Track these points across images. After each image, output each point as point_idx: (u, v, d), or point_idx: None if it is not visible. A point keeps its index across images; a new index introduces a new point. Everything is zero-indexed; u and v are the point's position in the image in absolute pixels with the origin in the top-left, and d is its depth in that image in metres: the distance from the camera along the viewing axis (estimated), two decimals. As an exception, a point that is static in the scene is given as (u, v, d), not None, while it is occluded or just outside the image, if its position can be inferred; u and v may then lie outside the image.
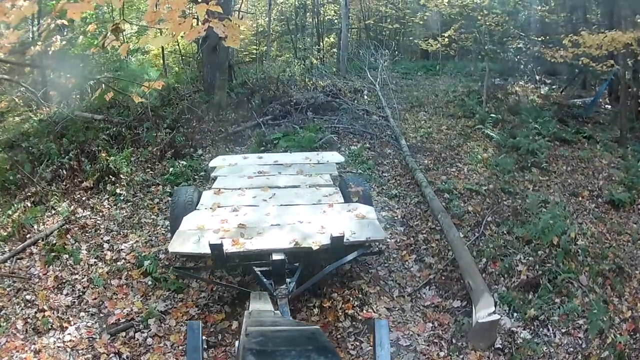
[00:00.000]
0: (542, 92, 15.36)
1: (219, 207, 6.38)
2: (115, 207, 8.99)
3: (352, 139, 11.19)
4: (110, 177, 9.56)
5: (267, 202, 6.52)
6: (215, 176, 7.68)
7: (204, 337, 3.40)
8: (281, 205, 6.38)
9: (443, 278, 6.73)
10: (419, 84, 16.70)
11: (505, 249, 7.23)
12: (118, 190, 9.29)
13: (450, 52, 13.61)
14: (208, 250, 5.20)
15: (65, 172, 9.80)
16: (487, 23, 12.54)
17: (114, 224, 8.45)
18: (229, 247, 5.32)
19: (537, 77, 16.84)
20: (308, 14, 21.75)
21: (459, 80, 17.10)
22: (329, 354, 2.18)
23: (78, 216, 8.63)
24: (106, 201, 9.18)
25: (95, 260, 7.43)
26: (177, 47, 16.10)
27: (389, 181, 9.49)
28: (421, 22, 14.60)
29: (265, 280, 5.32)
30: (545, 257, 6.97)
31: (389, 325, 3.77)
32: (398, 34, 22.12)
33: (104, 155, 10.06)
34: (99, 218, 8.65)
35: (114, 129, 11.27)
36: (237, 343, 3.04)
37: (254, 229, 5.70)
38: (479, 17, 12.59)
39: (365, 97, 14.19)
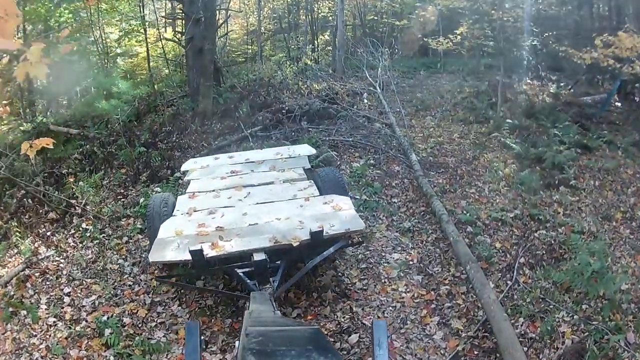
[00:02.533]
0: (551, 91, 13.65)
1: (195, 211, 6.05)
2: (80, 245, 7.49)
3: (354, 154, 9.51)
4: (77, 208, 7.96)
5: (243, 201, 6.20)
6: (188, 180, 7.21)
7: (202, 338, 3.25)
8: (257, 203, 6.09)
9: (475, 351, 5.13)
10: (421, 83, 14.92)
11: (545, 303, 5.68)
12: (84, 225, 7.72)
13: (462, 51, 11.81)
14: (189, 257, 4.91)
15: (30, 201, 8.22)
16: (505, 19, 10.82)
17: (78, 269, 6.95)
18: (209, 252, 5.00)
19: (542, 74, 15.15)
20: (301, 11, 19.85)
21: (463, 78, 15.44)
22: (329, 354, 2.02)
23: (40, 257, 7.19)
24: (71, 237, 7.70)
25: (55, 319, 6.04)
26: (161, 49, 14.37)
27: (399, 209, 7.86)
28: (432, 18, 12.65)
29: (248, 281, 5.00)
30: (591, 313, 5.44)
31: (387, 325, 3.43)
32: (395, 30, 20.26)
33: (71, 180, 8.44)
34: (62, 260, 7.18)
35: (88, 146, 9.65)
36: (237, 343, 2.86)
37: (233, 231, 5.42)
38: (492, 12, 10.87)
39: (366, 100, 12.46)
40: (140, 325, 5.79)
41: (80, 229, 7.67)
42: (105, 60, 12.72)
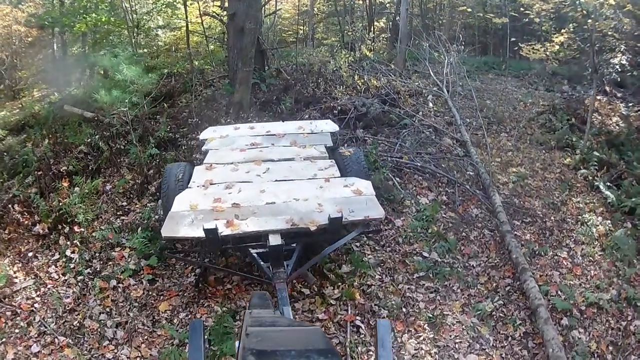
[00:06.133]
0: (623, 112, 10.75)
1: (211, 184, 5.28)
2: (63, 277, 5.33)
3: (421, 183, 6.91)
4: (64, 225, 5.73)
5: (261, 177, 5.44)
6: (206, 149, 6.27)
7: (206, 337, 3.05)
8: (276, 180, 5.35)
9: None
10: (487, 88, 12.02)
11: None
12: (69, 252, 5.46)
13: (554, 62, 9.07)
14: (202, 234, 4.26)
15: (17, 207, 6.05)
16: (606, 31, 8.01)
17: (52, 316, 4.89)
18: (223, 230, 4.36)
19: (607, 89, 12.19)
20: (358, -7, 16.86)
21: (532, 84, 12.56)
22: (329, 354, 1.81)
23: (16, 288, 5.20)
24: (54, 265, 5.54)
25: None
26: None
27: (478, 277, 5.39)
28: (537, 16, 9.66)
29: (262, 263, 4.51)
30: None
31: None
32: (455, 23, 17.17)
33: (65, 185, 6.16)
34: (38, 299, 5.11)
35: (97, 136, 7.34)
36: (237, 343, 2.45)
37: (249, 208, 4.73)
38: (589, 21, 8.00)
39: (431, 104, 9.70)
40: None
41: (65, 256, 5.44)
42: (135, 34, 10.27)
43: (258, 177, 5.41)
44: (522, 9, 10.01)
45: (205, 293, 4.92)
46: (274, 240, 4.33)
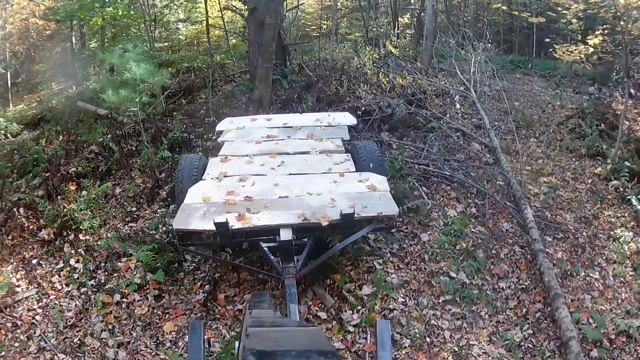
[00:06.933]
0: None
1: (225, 176, 5.11)
2: (66, 288, 4.97)
3: (449, 193, 6.35)
4: (70, 232, 5.34)
5: (276, 170, 5.26)
6: (222, 141, 6.12)
7: (205, 337, 3.01)
8: (290, 174, 5.16)
9: None
10: (514, 88, 11.27)
11: None
12: (73, 261, 5.06)
13: (587, 65, 8.45)
14: (213, 227, 4.12)
15: (22, 211, 5.69)
16: (638, 34, 7.36)
17: (53, 331, 4.52)
18: (234, 223, 4.22)
19: (632, 92, 11.44)
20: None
21: (558, 85, 11.78)
22: (330, 354, 1.78)
23: (17, 298, 4.85)
24: (57, 275, 5.18)
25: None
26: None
27: (507, 301, 4.86)
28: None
29: (272, 257, 4.41)
30: None
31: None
32: (480, 20, 16.36)
33: (72, 188, 5.76)
34: (40, 311, 4.76)
35: (110, 135, 6.94)
36: (237, 343, 2.54)
37: (261, 202, 4.61)
38: (622, 23, 7.32)
39: (458, 105, 9.08)
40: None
41: (69, 265, 5.06)
42: (152, 29, 9.83)
43: (272, 170, 5.27)
44: (558, 8, 9.33)
45: (213, 313, 4.50)
46: (285, 234, 4.20)
